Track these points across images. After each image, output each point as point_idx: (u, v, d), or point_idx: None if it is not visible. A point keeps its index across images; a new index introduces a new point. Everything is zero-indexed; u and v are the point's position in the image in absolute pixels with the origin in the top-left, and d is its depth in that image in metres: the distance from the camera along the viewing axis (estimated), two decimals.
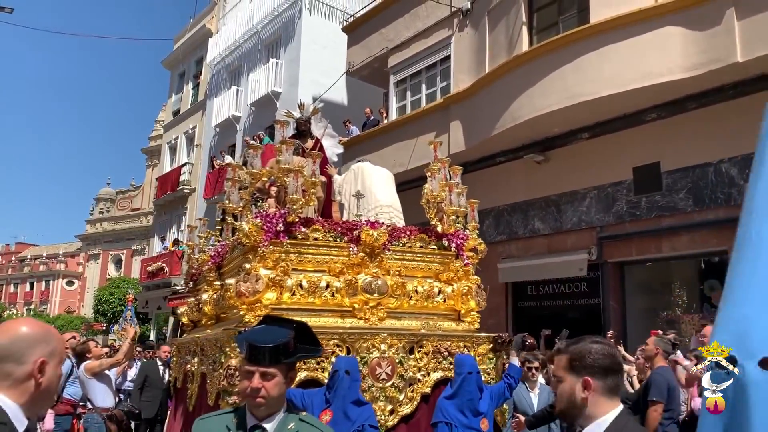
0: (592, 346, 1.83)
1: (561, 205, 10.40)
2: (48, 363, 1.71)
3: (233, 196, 6.05)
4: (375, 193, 6.39)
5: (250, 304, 4.69)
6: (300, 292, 4.89)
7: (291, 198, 4.96)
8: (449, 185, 5.78)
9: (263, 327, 2.32)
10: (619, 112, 9.19)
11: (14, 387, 1.66)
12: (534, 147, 10.51)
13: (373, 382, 4.70)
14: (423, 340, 4.98)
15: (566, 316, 10.63)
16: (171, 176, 24.23)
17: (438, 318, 5.40)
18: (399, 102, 13.50)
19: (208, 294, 5.96)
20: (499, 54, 10.71)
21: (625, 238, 9.47)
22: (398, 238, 5.36)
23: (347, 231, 5.15)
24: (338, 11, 18.59)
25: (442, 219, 5.66)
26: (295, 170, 5.01)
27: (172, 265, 21.87)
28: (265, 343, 2.16)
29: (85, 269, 37.48)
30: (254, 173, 5.37)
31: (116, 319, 23.04)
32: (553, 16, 10.18)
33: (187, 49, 25.53)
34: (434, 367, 4.98)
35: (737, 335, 1.12)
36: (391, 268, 5.19)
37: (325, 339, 4.54)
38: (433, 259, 5.53)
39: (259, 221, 4.81)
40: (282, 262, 4.85)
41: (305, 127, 7.33)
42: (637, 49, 8.50)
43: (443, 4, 11.99)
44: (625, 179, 9.45)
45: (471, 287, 5.48)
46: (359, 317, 4.98)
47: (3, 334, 1.71)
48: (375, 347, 4.76)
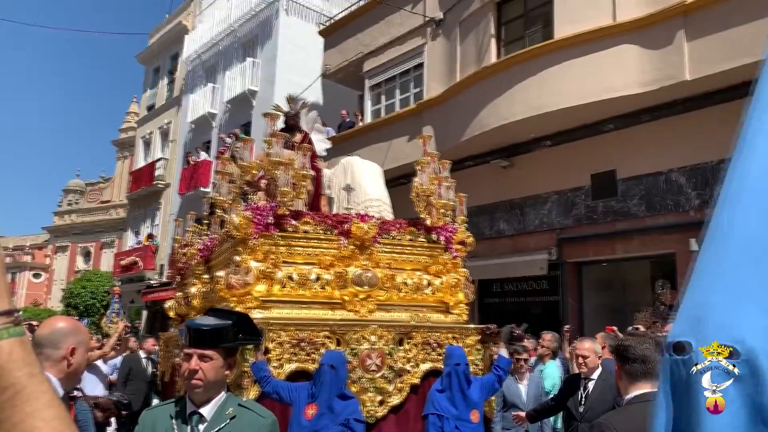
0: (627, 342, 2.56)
1: (524, 208, 11.02)
2: (77, 349, 2.30)
3: (223, 188, 6.05)
4: (364, 186, 6.41)
5: (240, 297, 4.71)
6: (290, 285, 4.90)
7: (281, 190, 4.94)
8: (438, 179, 5.79)
9: (205, 316, 2.48)
10: (579, 122, 9.78)
11: (53, 366, 2.23)
12: (500, 153, 11.09)
13: (363, 373, 4.72)
14: (412, 331, 5.02)
15: (528, 311, 11.22)
16: (145, 171, 24.30)
17: (427, 310, 5.44)
18: (374, 105, 13.99)
19: (196, 287, 6.01)
20: (469, 64, 11.26)
21: (582, 239, 10.11)
22: (388, 231, 5.39)
23: (337, 224, 5.18)
24: (315, 13, 18.95)
25: (431, 212, 5.70)
26: (285, 163, 5.01)
27: (146, 260, 22.04)
28: (203, 326, 2.27)
29: (52, 261, 37.09)
30: (244, 166, 5.40)
31: (88, 312, 23.08)
32: (520, 30, 10.75)
33: (162, 45, 25.57)
34: (423, 359, 5.01)
35: (695, 320, 1.09)
36: (381, 260, 5.23)
37: (316, 331, 4.66)
38: (422, 252, 5.57)
39: (249, 214, 4.80)
40: (272, 254, 4.87)
41: (294, 122, 7.21)
42: (597, 65, 9.10)
43: (417, 13, 12.50)
44: (584, 185, 10.08)
45: (459, 279, 5.54)
46: (349, 309, 5.01)
47: (45, 327, 2.35)
48: (365, 339, 4.79)
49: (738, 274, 1.09)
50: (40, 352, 2.21)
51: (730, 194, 1.17)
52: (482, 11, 11.10)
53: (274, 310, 4.83)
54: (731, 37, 7.97)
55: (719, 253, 1.13)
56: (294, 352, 4.55)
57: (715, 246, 1.15)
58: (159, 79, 26.07)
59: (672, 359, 1.12)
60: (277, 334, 4.53)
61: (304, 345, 4.59)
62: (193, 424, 2.19)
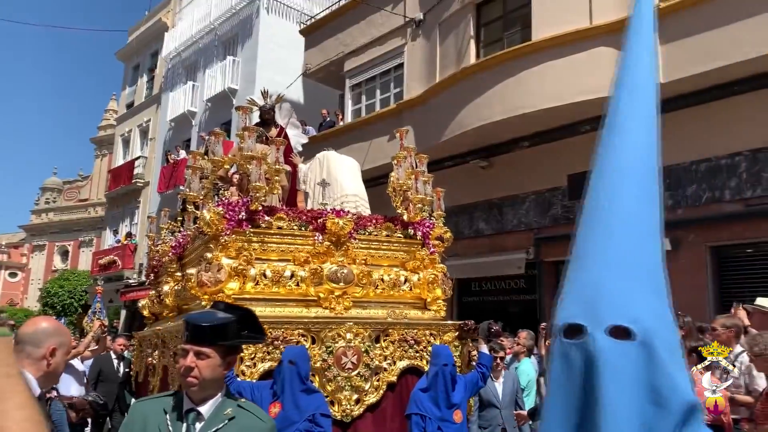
0: None
1: (503, 208, 11.14)
2: (58, 350, 2.33)
3: (194, 184, 5.85)
4: (341, 181, 6.25)
5: (212, 294, 4.54)
6: (264, 282, 4.77)
7: (254, 186, 4.77)
8: (415, 173, 5.66)
9: (208, 310, 2.35)
10: (556, 123, 9.90)
11: (32, 364, 2.26)
12: (479, 153, 11.20)
13: (339, 371, 4.61)
14: (389, 328, 4.92)
15: (506, 310, 11.36)
16: (124, 169, 24.11)
17: (404, 306, 5.33)
18: (354, 105, 14.04)
19: (169, 285, 5.84)
20: (448, 65, 11.36)
21: (559, 239, 10.21)
22: (364, 227, 5.26)
23: (312, 220, 5.03)
24: (296, 11, 18.94)
25: (408, 207, 5.56)
26: (258, 157, 4.85)
27: (125, 259, 21.87)
28: (202, 322, 2.14)
29: (29, 260, 36.61)
30: (216, 161, 5.16)
31: (66, 312, 22.84)
32: (499, 32, 10.87)
33: (142, 42, 25.38)
34: (400, 356, 4.91)
35: (587, 302, 1.05)
36: (357, 256, 5.11)
37: (290, 329, 4.53)
38: (399, 248, 5.45)
39: (220, 209, 4.65)
40: (245, 251, 4.72)
41: (269, 116, 7.01)
42: (574, 67, 9.24)
43: (397, 14, 12.57)
44: (561, 185, 10.22)
45: (437, 275, 5.42)
46: (325, 307, 4.89)
47: (29, 326, 2.39)
48: (341, 336, 4.69)
49: (626, 254, 1.06)
50: (21, 350, 2.25)
51: (606, 172, 1.14)
52: (462, 12, 11.20)
53: None
54: (704, 41, 8.15)
55: (604, 232, 1.09)
56: (268, 351, 4.40)
57: (599, 225, 1.11)
58: (138, 77, 25.88)
59: (565, 343, 1.06)
60: None
61: (278, 343, 4.44)
62: (190, 422, 2.09)
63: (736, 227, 8.38)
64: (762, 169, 8.25)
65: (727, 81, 8.32)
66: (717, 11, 8.07)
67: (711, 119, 8.64)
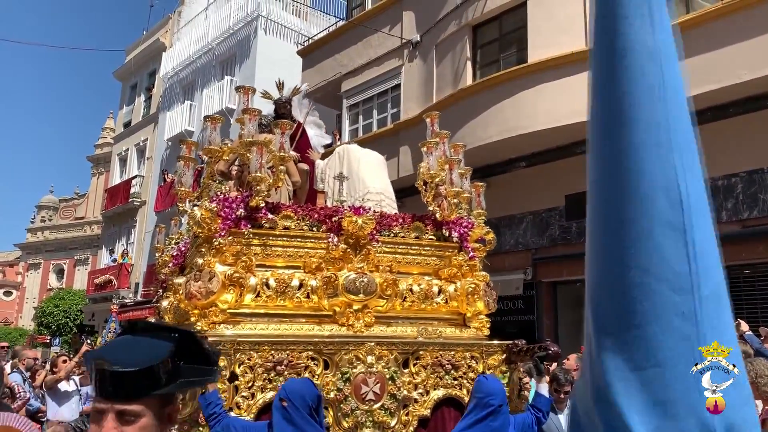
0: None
1: (500, 228, 11.13)
2: None
3: (185, 177, 4.71)
4: (364, 178, 5.43)
5: (203, 308, 3.78)
6: (266, 293, 3.95)
7: (254, 176, 3.96)
8: (450, 162, 4.71)
9: (125, 339, 1.45)
10: (553, 144, 9.94)
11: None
12: (476, 174, 11.15)
13: (358, 403, 3.75)
14: (420, 350, 4.05)
15: (504, 330, 11.32)
16: (121, 188, 24.12)
17: (438, 323, 4.43)
18: (351, 125, 14.09)
19: (168, 300, 4.84)
20: (445, 86, 11.43)
21: (557, 259, 10.26)
22: (389, 227, 4.39)
23: (326, 218, 4.22)
24: (293, 32, 19.09)
25: (441, 204, 4.62)
26: (258, 142, 4.03)
27: (121, 278, 21.79)
28: (122, 365, 1.32)
29: (24, 279, 36.44)
30: (213, 150, 4.31)
31: (61, 331, 22.69)
32: (495, 54, 10.96)
33: (139, 62, 25.52)
34: (434, 384, 4.03)
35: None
36: (380, 262, 4.26)
37: (297, 350, 3.72)
38: (431, 252, 4.54)
39: (214, 206, 3.87)
40: (244, 255, 3.92)
41: (285, 110, 6.15)
42: (569, 88, 9.29)
43: (394, 35, 12.66)
44: (558, 206, 10.25)
45: (478, 285, 4.48)
46: (341, 323, 4.09)
47: None
48: (360, 360, 3.85)
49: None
50: None
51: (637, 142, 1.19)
52: (458, 34, 11.29)
53: (245, 326, 3.88)
54: (694, 64, 8.24)
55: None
56: (269, 378, 3.59)
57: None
58: (136, 96, 25.98)
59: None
60: (247, 356, 3.58)
61: (282, 368, 3.62)
62: None
63: (733, 248, 8.40)
64: (759, 190, 8.29)
65: (723, 103, 8.39)
66: (711, 35, 8.16)
67: (707, 141, 8.52)
